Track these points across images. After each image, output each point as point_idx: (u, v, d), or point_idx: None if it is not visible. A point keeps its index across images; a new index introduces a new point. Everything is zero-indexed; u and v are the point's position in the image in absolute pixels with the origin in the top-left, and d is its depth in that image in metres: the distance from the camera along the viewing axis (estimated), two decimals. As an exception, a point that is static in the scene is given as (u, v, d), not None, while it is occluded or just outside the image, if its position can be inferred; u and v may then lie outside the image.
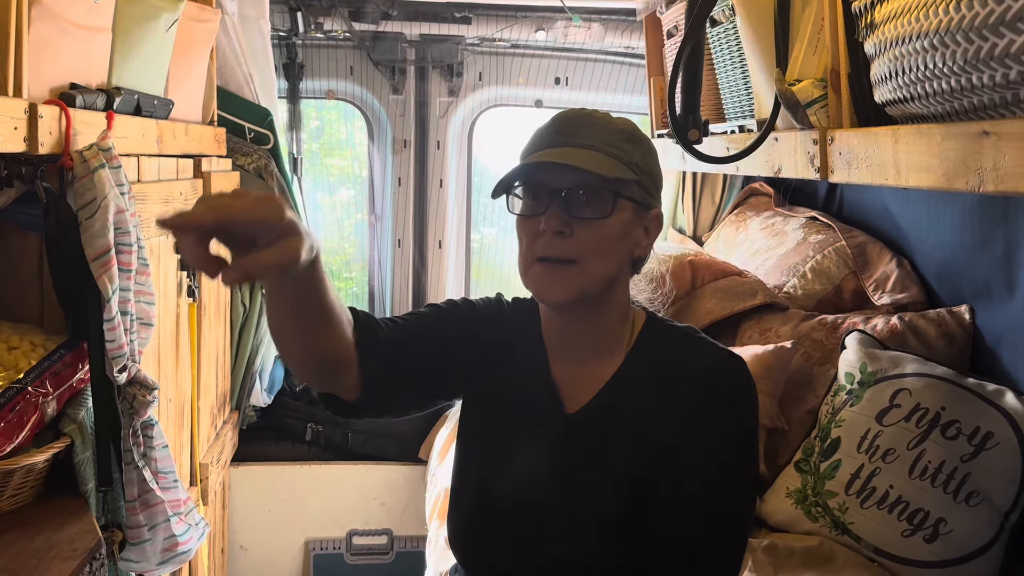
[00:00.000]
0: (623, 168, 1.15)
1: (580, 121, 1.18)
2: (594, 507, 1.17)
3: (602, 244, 1.15)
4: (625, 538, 1.15)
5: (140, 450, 1.47)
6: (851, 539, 1.83)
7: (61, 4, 1.33)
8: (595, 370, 1.23)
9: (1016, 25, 0.91)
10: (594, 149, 1.15)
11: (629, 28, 3.25)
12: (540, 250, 1.14)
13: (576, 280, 1.14)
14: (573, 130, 1.17)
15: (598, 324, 1.22)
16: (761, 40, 1.72)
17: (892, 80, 1.19)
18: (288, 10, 3.13)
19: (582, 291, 1.15)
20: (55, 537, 1.27)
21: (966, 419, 1.79)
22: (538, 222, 1.14)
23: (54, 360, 1.40)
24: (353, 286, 3.81)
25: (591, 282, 1.15)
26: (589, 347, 1.23)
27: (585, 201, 1.14)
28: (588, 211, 1.14)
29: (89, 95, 1.44)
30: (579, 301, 1.16)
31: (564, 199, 1.14)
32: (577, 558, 1.17)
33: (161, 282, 1.84)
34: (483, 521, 1.25)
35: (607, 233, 1.15)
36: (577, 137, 1.16)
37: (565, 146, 1.15)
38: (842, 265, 2.45)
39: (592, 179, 1.13)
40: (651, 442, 1.17)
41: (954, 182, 1.07)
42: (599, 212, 1.14)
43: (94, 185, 1.34)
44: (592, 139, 1.16)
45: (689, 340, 1.24)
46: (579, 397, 1.23)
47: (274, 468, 2.98)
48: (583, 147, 1.15)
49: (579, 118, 1.19)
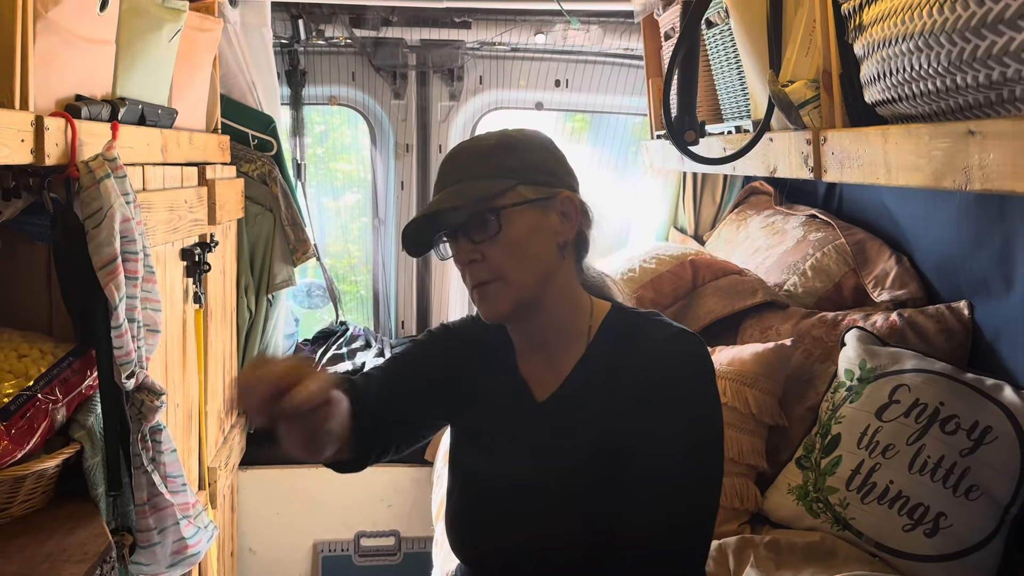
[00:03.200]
0: (495, 182, 1.23)
1: (452, 162, 1.28)
2: (566, 490, 1.22)
3: (512, 255, 1.22)
4: (596, 520, 1.19)
5: (149, 455, 1.49)
6: (852, 534, 1.84)
7: (66, 17, 1.35)
8: (560, 360, 1.29)
9: (998, 27, 0.92)
10: (463, 181, 1.24)
11: (627, 30, 3.26)
12: (468, 280, 1.26)
13: (506, 294, 1.23)
14: (447, 173, 1.27)
15: (550, 318, 1.28)
16: (755, 41, 1.74)
17: (881, 81, 1.20)
18: (289, 18, 3.16)
19: (516, 301, 1.23)
20: (66, 541, 1.29)
21: (965, 414, 1.80)
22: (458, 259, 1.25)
23: (63, 367, 1.42)
24: (358, 289, 3.83)
25: (520, 290, 1.23)
26: (552, 339, 1.30)
27: (477, 227, 1.22)
28: (482, 234, 1.22)
29: (94, 106, 1.46)
30: (520, 309, 1.24)
31: (464, 232, 1.23)
32: (555, 541, 1.21)
33: (167, 289, 1.87)
34: (470, 516, 1.31)
35: (511, 243, 1.22)
36: (450, 178, 1.26)
37: (441, 191, 1.25)
38: (842, 262, 2.46)
39: (470, 207, 1.22)
40: (612, 425, 1.21)
41: (942, 181, 1.08)
42: (491, 230, 1.22)
43: (100, 195, 1.36)
44: (460, 173, 1.25)
45: (648, 323, 1.27)
46: (547, 387, 1.30)
47: (282, 471, 3.00)
48: (454, 184, 1.24)
49: (450, 160, 1.29)
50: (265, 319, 2.82)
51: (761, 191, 3.12)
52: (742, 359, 2.14)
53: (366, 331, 3.51)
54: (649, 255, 2.67)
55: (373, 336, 3.48)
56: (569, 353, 1.29)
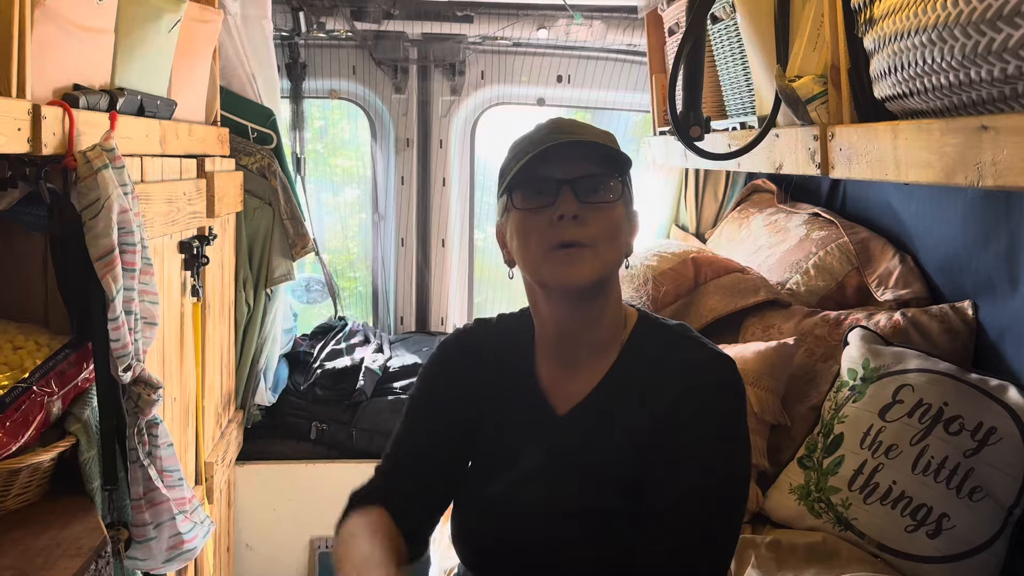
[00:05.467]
0: (621, 156, 1.20)
1: (572, 123, 1.23)
2: (586, 505, 1.19)
3: (612, 230, 1.18)
4: (617, 536, 1.16)
5: (145, 449, 1.47)
6: (854, 535, 1.83)
7: (64, 5, 1.33)
8: (587, 371, 1.25)
9: (1014, 20, 0.91)
10: (596, 140, 1.19)
11: (631, 25, 3.25)
12: (559, 236, 1.16)
13: (594, 263, 1.16)
14: (569, 128, 1.21)
15: (599, 318, 1.24)
16: (761, 36, 1.72)
17: (891, 75, 1.19)
18: (290, 10, 3.14)
19: (600, 275, 1.17)
20: (61, 535, 1.28)
21: (969, 414, 1.79)
22: (548, 214, 1.17)
23: (59, 359, 1.40)
24: (357, 285, 3.82)
25: (604, 267, 1.18)
26: (587, 345, 1.25)
27: (593, 188, 1.17)
28: (598, 196, 1.17)
29: (92, 96, 1.45)
30: (596, 285, 1.18)
31: (573, 187, 1.16)
32: (570, 556, 1.18)
33: (165, 282, 1.85)
34: (482, 523, 1.28)
35: (616, 219, 1.19)
36: (574, 133, 1.20)
37: (567, 138, 1.18)
38: (845, 261, 2.44)
39: (596, 168, 1.17)
40: (640, 442, 1.18)
41: (953, 177, 1.07)
42: (607, 197, 1.18)
43: (97, 185, 1.35)
44: (589, 134, 1.20)
45: (681, 339, 1.24)
46: (570, 399, 1.25)
47: (279, 467, 2.99)
48: (584, 139, 1.18)
49: (570, 121, 1.23)
50: (263, 313, 2.80)
51: (764, 189, 3.11)
52: (744, 358, 2.12)
53: (365, 326, 3.49)
54: (651, 252, 2.66)
55: (372, 331, 3.46)
56: (598, 361, 1.25)
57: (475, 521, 1.29)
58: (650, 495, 1.15)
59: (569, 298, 1.21)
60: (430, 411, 1.34)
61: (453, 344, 1.37)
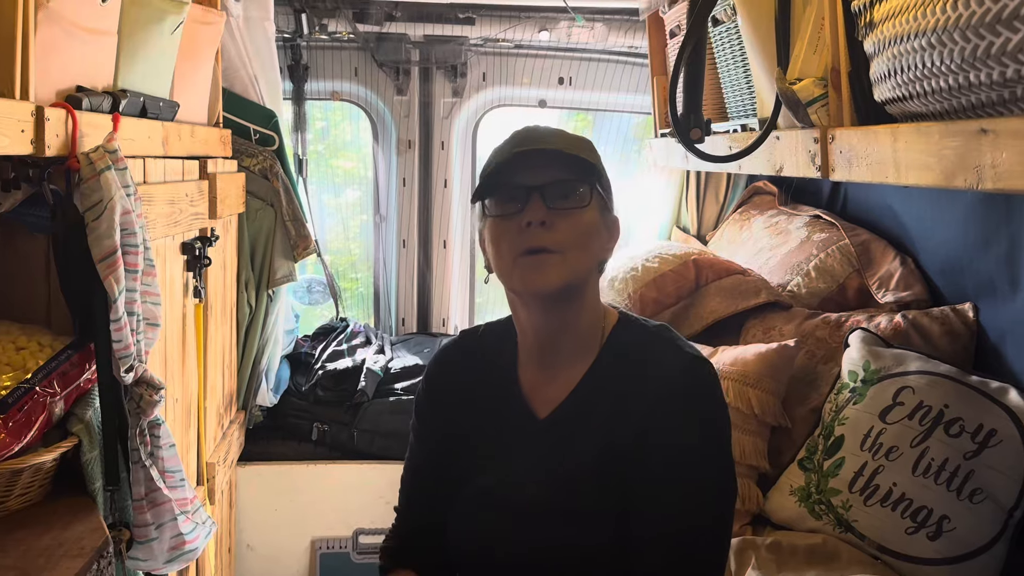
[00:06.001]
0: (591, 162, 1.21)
1: (541, 131, 1.24)
2: (567, 507, 1.20)
3: (580, 236, 1.19)
4: (598, 537, 1.17)
5: (147, 449, 1.48)
6: (855, 537, 1.83)
7: (67, 7, 1.34)
8: (566, 374, 1.26)
9: (1013, 23, 0.91)
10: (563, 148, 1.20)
11: (632, 28, 3.25)
12: (526, 242, 1.18)
13: (561, 269, 1.18)
14: (541, 136, 1.23)
15: (575, 322, 1.25)
16: (762, 39, 1.73)
17: (891, 79, 1.19)
18: (292, 12, 3.15)
19: (567, 281, 1.18)
20: (63, 535, 1.28)
21: (969, 417, 1.79)
22: (517, 220, 1.18)
23: (61, 360, 1.41)
24: (359, 286, 3.82)
25: (573, 273, 1.19)
26: (566, 349, 1.26)
27: (562, 194, 1.19)
28: (566, 203, 1.19)
29: (95, 98, 1.45)
30: (564, 291, 1.19)
31: (542, 193, 1.18)
32: (552, 558, 1.19)
33: (167, 283, 1.86)
34: (469, 524, 1.29)
35: (584, 225, 1.20)
36: (545, 141, 1.21)
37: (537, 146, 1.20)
38: (846, 263, 2.44)
39: (565, 174, 1.19)
40: (618, 443, 1.19)
41: (953, 180, 1.07)
42: (576, 203, 1.19)
43: (100, 187, 1.35)
44: (558, 143, 1.21)
45: (658, 341, 1.25)
46: (550, 403, 1.27)
47: (281, 467, 2.99)
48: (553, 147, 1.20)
49: (539, 129, 1.25)
50: (265, 314, 2.81)
51: (765, 191, 3.11)
52: (745, 359, 2.13)
53: (366, 327, 3.50)
54: (652, 254, 2.66)
55: (373, 333, 3.47)
56: (577, 363, 1.26)
57: (458, 525, 1.30)
58: (633, 502, 1.16)
59: (542, 303, 1.23)
60: (424, 437, 1.38)
61: (434, 368, 1.41)
